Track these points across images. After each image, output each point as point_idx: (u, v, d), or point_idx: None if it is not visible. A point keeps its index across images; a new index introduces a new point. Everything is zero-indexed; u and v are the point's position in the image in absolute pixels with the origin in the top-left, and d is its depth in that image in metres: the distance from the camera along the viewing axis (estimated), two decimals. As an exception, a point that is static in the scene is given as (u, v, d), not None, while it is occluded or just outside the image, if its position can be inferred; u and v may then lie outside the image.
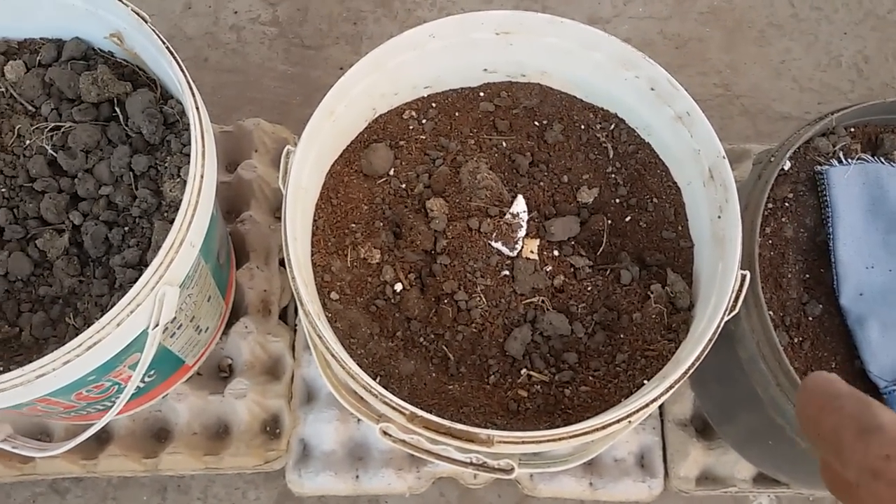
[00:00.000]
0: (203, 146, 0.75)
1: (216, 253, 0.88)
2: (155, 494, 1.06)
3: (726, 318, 0.70)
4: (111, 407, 0.85)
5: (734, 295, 0.70)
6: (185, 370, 0.96)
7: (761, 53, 1.34)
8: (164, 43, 0.78)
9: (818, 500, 1.06)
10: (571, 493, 1.02)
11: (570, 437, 0.67)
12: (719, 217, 0.75)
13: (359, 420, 1.02)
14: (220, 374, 1.07)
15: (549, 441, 0.66)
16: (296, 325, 1.09)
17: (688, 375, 0.68)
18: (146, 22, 0.79)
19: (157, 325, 0.72)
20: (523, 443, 0.66)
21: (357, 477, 1.01)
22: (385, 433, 0.71)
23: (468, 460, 0.70)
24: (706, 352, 0.68)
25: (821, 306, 0.80)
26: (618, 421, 0.67)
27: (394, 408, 0.66)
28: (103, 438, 1.02)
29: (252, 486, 1.07)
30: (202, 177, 0.74)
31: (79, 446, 0.82)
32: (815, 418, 0.41)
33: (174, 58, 0.77)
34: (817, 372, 0.43)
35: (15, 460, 1.01)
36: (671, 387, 0.67)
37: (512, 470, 0.71)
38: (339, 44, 1.34)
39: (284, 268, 1.10)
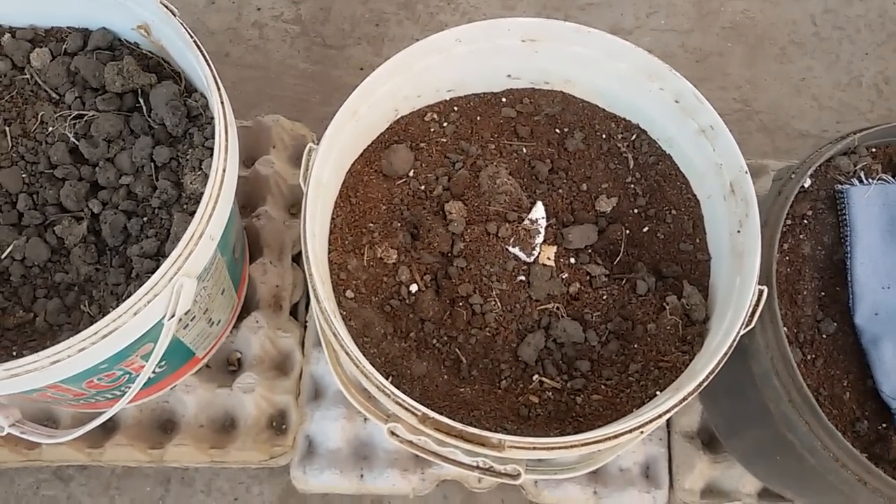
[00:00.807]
0: (227, 141, 0.75)
1: (232, 247, 0.88)
2: (158, 485, 1.07)
3: (742, 333, 0.70)
4: (120, 396, 0.85)
5: (751, 310, 0.70)
6: (194, 362, 0.96)
7: (782, 70, 1.34)
8: (192, 37, 0.78)
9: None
10: (576, 501, 1.02)
11: (582, 445, 0.67)
12: (739, 231, 0.75)
13: (365, 419, 1.02)
14: (228, 367, 1.08)
15: (560, 448, 0.66)
16: (306, 322, 1.09)
17: (702, 388, 0.68)
18: (175, 15, 0.79)
19: (173, 316, 0.72)
20: (534, 448, 0.66)
21: (362, 476, 1.01)
22: (393, 433, 0.71)
23: (475, 464, 0.70)
24: (721, 365, 0.68)
25: (835, 324, 0.80)
26: (629, 431, 0.67)
27: (406, 408, 0.67)
28: (110, 427, 1.02)
29: (256, 480, 1.07)
30: (224, 171, 0.74)
31: (85, 434, 0.82)
32: None
33: (202, 52, 0.77)
34: None
35: (21, 446, 1.02)
36: (684, 399, 0.67)
37: (518, 475, 0.71)
38: (360, 44, 1.34)
39: (297, 264, 1.12)
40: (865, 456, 0.71)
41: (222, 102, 0.76)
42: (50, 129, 0.84)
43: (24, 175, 0.83)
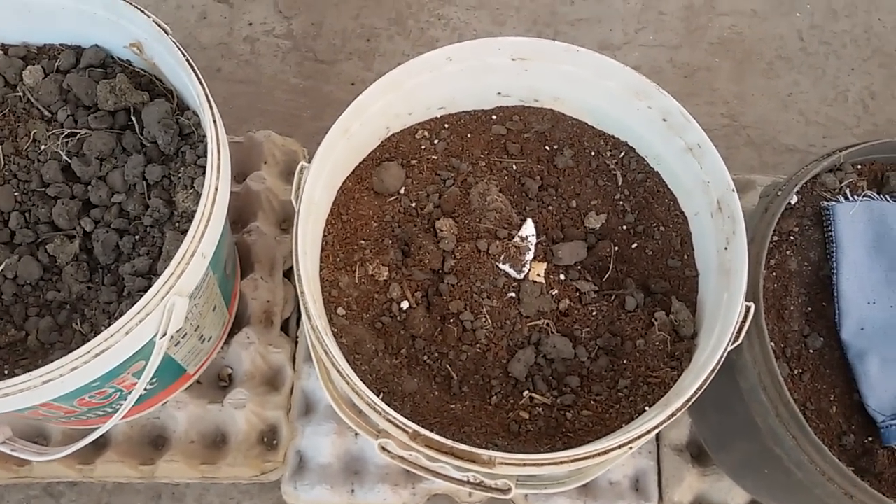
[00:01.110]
0: (219, 159, 0.75)
1: (224, 263, 0.89)
2: (149, 501, 1.06)
3: (729, 349, 0.70)
4: (111, 413, 0.85)
5: (738, 326, 0.71)
6: (185, 378, 0.96)
7: (769, 85, 1.36)
8: (184, 55, 0.79)
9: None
10: (566, 515, 1.03)
11: (572, 461, 0.67)
12: (726, 248, 0.76)
13: (356, 434, 1.02)
14: (219, 383, 1.08)
15: (550, 464, 0.67)
16: (297, 337, 1.10)
17: (690, 404, 0.68)
18: (167, 34, 0.80)
19: (164, 335, 0.72)
20: (525, 465, 0.66)
21: (353, 491, 1.01)
22: (384, 449, 0.72)
23: (465, 479, 0.70)
24: (709, 381, 0.69)
25: (822, 339, 0.81)
26: (619, 447, 0.68)
27: (397, 425, 0.67)
28: (100, 444, 1.02)
29: (247, 496, 1.07)
30: (217, 189, 0.75)
31: (76, 451, 0.82)
32: None
33: (194, 71, 0.78)
34: None
35: (11, 462, 1.01)
36: (673, 415, 0.68)
37: (509, 490, 0.71)
38: (352, 59, 1.35)
39: (288, 279, 1.12)
40: (852, 469, 0.72)
41: (214, 121, 0.77)
42: (42, 147, 0.84)
43: (16, 193, 0.83)
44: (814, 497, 0.76)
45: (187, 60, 0.79)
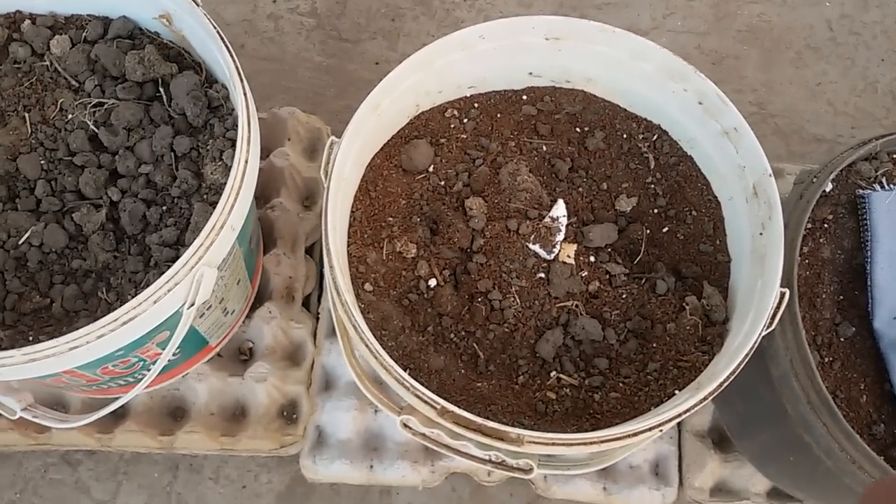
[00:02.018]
0: (249, 132, 0.75)
1: (249, 238, 0.88)
2: (167, 472, 1.07)
3: (763, 334, 0.70)
4: (133, 382, 0.85)
5: (773, 312, 0.70)
6: (207, 350, 0.96)
7: (797, 75, 1.35)
8: (215, 28, 0.78)
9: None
10: (585, 497, 1.02)
11: (601, 442, 0.67)
12: (761, 234, 0.76)
13: (376, 411, 1.02)
14: (240, 356, 1.08)
15: (578, 444, 0.67)
16: (318, 314, 1.09)
17: (722, 388, 0.68)
18: (198, 5, 0.79)
19: (192, 305, 0.72)
20: (553, 444, 0.66)
21: (371, 467, 1.01)
22: (405, 425, 0.72)
23: (487, 457, 0.70)
24: (742, 366, 0.68)
25: (853, 328, 0.80)
26: (649, 429, 0.67)
27: (425, 401, 0.67)
28: (119, 413, 1.02)
29: (265, 469, 1.07)
30: (247, 161, 0.74)
31: (95, 420, 0.82)
32: None
33: (225, 43, 0.78)
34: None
35: (30, 430, 1.02)
36: (705, 398, 0.68)
37: (531, 470, 0.71)
38: (376, 39, 1.34)
39: (310, 256, 1.12)
40: (882, 459, 0.71)
41: (245, 94, 0.76)
42: (69, 116, 0.84)
43: (42, 161, 0.83)
44: (841, 485, 0.76)
45: (218, 33, 0.79)
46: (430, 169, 0.86)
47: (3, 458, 1.06)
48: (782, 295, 0.71)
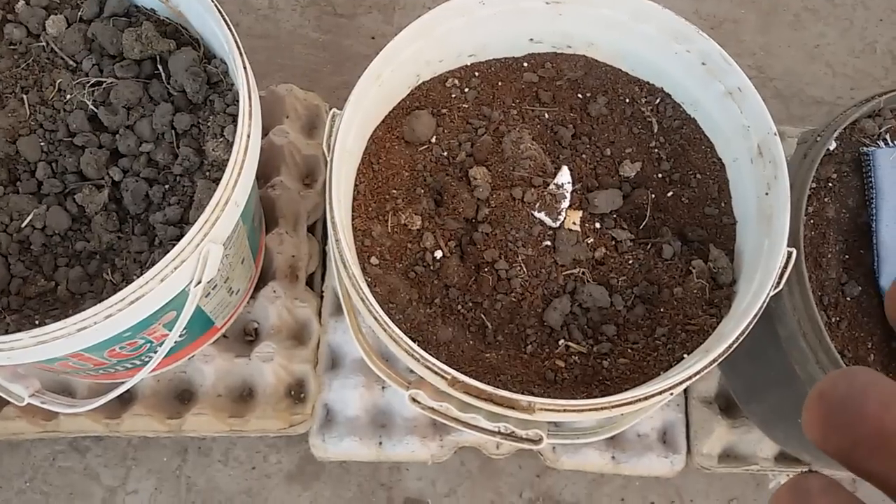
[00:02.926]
0: (251, 106, 0.74)
1: (252, 215, 0.88)
2: (175, 456, 1.07)
3: (771, 295, 0.70)
4: (140, 365, 0.85)
5: (780, 272, 0.70)
6: (213, 332, 0.96)
7: (796, 37, 1.34)
8: (212, 2, 0.77)
9: (837, 480, 1.07)
10: (594, 467, 1.03)
11: (613, 407, 0.67)
12: (767, 194, 0.75)
13: (383, 387, 1.02)
14: (245, 337, 1.08)
15: (590, 410, 0.67)
16: (322, 292, 1.09)
17: (732, 350, 0.68)
18: (195, -21, 0.78)
19: (199, 283, 0.72)
20: (564, 411, 0.66)
21: (380, 443, 1.01)
22: (414, 400, 0.72)
23: (496, 429, 0.70)
24: (750, 327, 0.68)
25: (860, 287, 0.80)
26: (660, 392, 0.67)
27: (436, 372, 0.67)
28: (126, 398, 1.02)
29: (273, 449, 1.07)
30: (249, 136, 0.74)
31: (102, 405, 0.82)
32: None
33: (223, 17, 0.77)
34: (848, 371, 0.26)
35: (38, 417, 1.02)
36: (714, 361, 0.68)
37: (541, 440, 0.71)
38: (371, 13, 1.33)
39: (312, 234, 1.11)
40: (891, 416, 0.71)
41: (245, 68, 0.76)
42: (68, 96, 0.83)
43: (42, 143, 0.82)
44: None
45: (215, 6, 0.78)
46: (433, 140, 0.85)
47: (12, 447, 1.06)
48: (789, 254, 0.71)
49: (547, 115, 0.87)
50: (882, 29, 1.35)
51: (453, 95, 0.88)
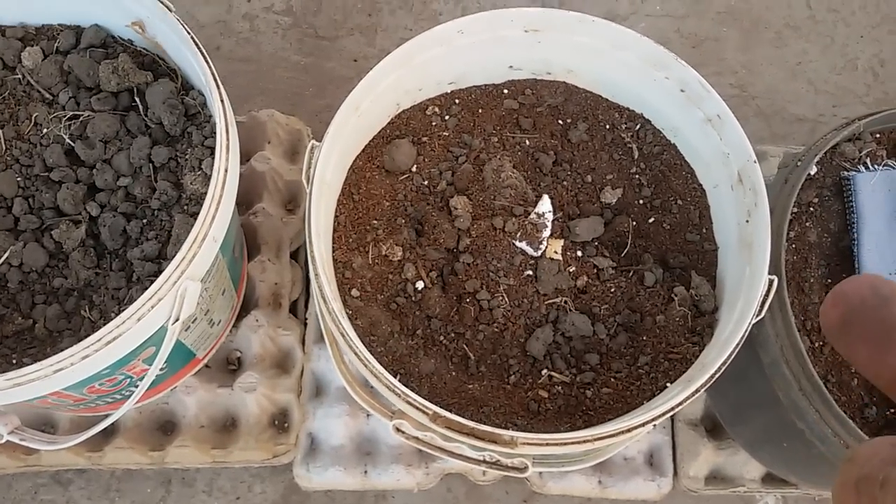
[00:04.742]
0: (228, 140, 0.74)
1: (232, 246, 0.87)
2: (159, 487, 1.06)
3: (753, 322, 0.69)
4: (121, 399, 0.84)
5: (762, 300, 0.70)
6: (195, 363, 0.95)
7: (777, 55, 1.34)
8: (189, 34, 0.77)
9: (824, 501, 1.07)
10: (581, 492, 1.02)
11: (595, 440, 0.66)
12: (747, 221, 0.75)
13: (368, 415, 1.02)
14: (228, 367, 1.07)
15: (573, 443, 0.66)
16: (306, 320, 1.08)
17: (714, 379, 0.67)
18: (171, 11, 0.78)
19: (177, 320, 0.71)
20: (547, 444, 0.66)
21: (366, 472, 1.01)
22: (398, 430, 0.71)
23: (482, 458, 0.70)
24: (733, 356, 0.68)
25: (843, 312, 0.79)
26: (642, 424, 0.67)
27: (416, 407, 0.66)
28: (109, 431, 1.01)
29: (258, 479, 1.06)
30: (227, 171, 0.73)
31: (84, 439, 0.81)
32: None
33: (200, 49, 0.76)
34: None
35: (19, 451, 1.00)
36: (697, 391, 0.67)
37: (526, 468, 0.70)
38: (353, 35, 1.32)
39: (295, 261, 1.10)
40: (876, 443, 0.71)
41: (222, 101, 0.75)
42: (44, 130, 0.82)
43: (18, 178, 0.81)
44: (836, 469, 0.75)
45: (192, 39, 0.77)
46: (413, 169, 0.85)
47: (-7, 481, 1.05)
48: (770, 282, 0.70)
49: (528, 142, 0.87)
50: (863, 45, 1.35)
51: (434, 123, 0.87)
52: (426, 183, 0.84)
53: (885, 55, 1.35)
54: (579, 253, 0.81)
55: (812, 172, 0.82)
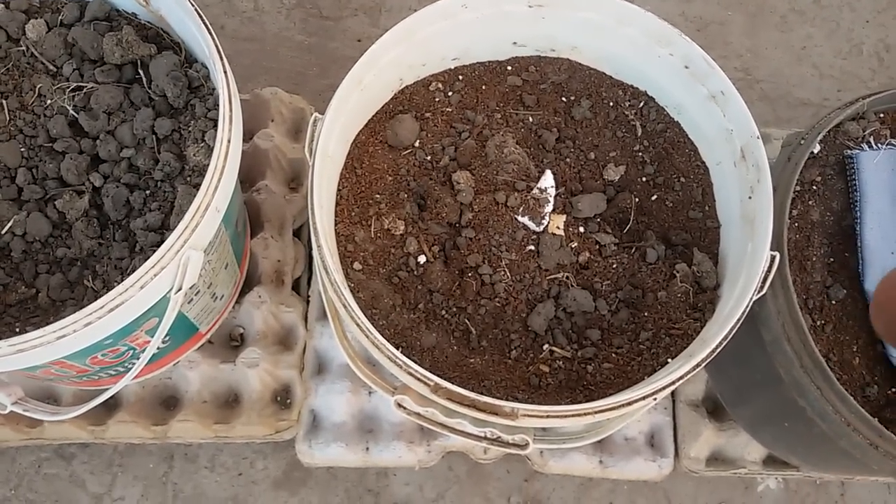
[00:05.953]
0: (231, 111, 0.74)
1: (235, 220, 0.87)
2: (162, 462, 1.06)
3: (754, 299, 0.69)
4: (123, 372, 0.84)
5: (763, 276, 0.70)
6: (198, 337, 0.96)
7: (783, 39, 1.34)
8: (193, 6, 0.77)
9: (825, 484, 1.07)
10: (582, 471, 1.03)
11: (595, 413, 0.67)
12: (750, 198, 0.75)
13: (370, 392, 1.02)
14: (231, 342, 1.07)
15: (573, 416, 0.66)
16: (308, 296, 1.09)
17: (715, 355, 0.68)
18: (175, -17, 0.78)
19: (179, 289, 0.71)
20: (548, 416, 0.66)
21: (367, 449, 1.01)
22: (400, 405, 0.71)
23: (483, 434, 0.70)
24: (734, 331, 0.68)
25: (844, 291, 0.80)
26: (643, 398, 0.67)
27: (418, 378, 0.66)
28: (111, 405, 1.02)
29: (260, 455, 1.07)
30: (229, 142, 0.73)
31: (87, 412, 0.81)
32: None
33: (203, 22, 0.76)
34: None
35: (22, 424, 1.01)
36: (698, 365, 0.67)
37: (527, 445, 0.70)
38: (357, 15, 1.32)
39: (298, 239, 1.11)
40: (876, 420, 0.71)
41: (225, 72, 0.75)
42: (48, 101, 0.82)
43: (22, 149, 0.81)
44: (836, 448, 0.76)
45: (196, 11, 0.77)
46: (416, 144, 0.85)
47: (-3, 454, 1.05)
48: (772, 258, 0.70)
49: (531, 119, 0.87)
50: (868, 30, 1.35)
51: (437, 99, 0.87)
52: (429, 158, 0.84)
53: (890, 40, 1.34)
54: (581, 229, 0.81)
55: (815, 151, 0.82)
